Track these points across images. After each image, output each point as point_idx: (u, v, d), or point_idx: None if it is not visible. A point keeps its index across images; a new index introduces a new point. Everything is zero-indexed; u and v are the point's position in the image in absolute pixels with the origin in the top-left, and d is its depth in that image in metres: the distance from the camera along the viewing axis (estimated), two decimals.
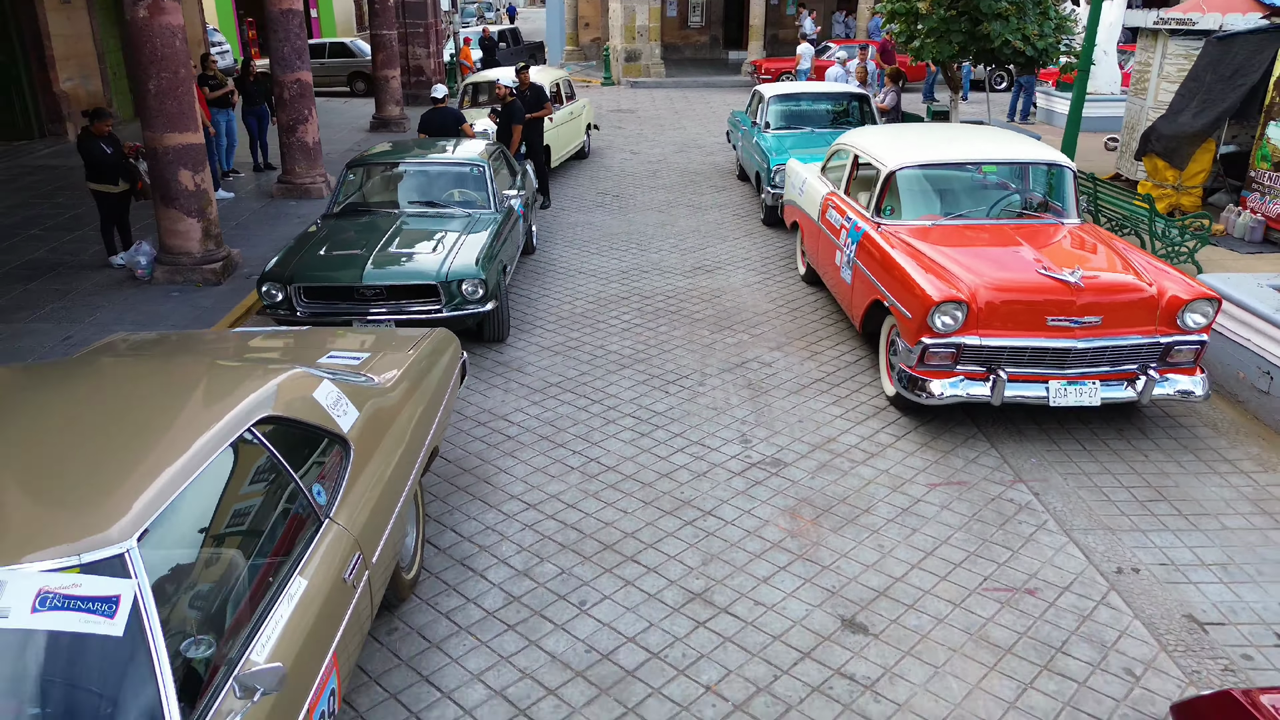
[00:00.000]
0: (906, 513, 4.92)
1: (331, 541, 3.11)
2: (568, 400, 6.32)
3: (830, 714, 3.55)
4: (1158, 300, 5.39)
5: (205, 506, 2.74)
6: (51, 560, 2.24)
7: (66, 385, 3.21)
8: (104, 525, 2.34)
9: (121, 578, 2.28)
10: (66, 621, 2.19)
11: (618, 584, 4.35)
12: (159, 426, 2.92)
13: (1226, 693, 2.60)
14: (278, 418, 3.15)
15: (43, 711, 2.14)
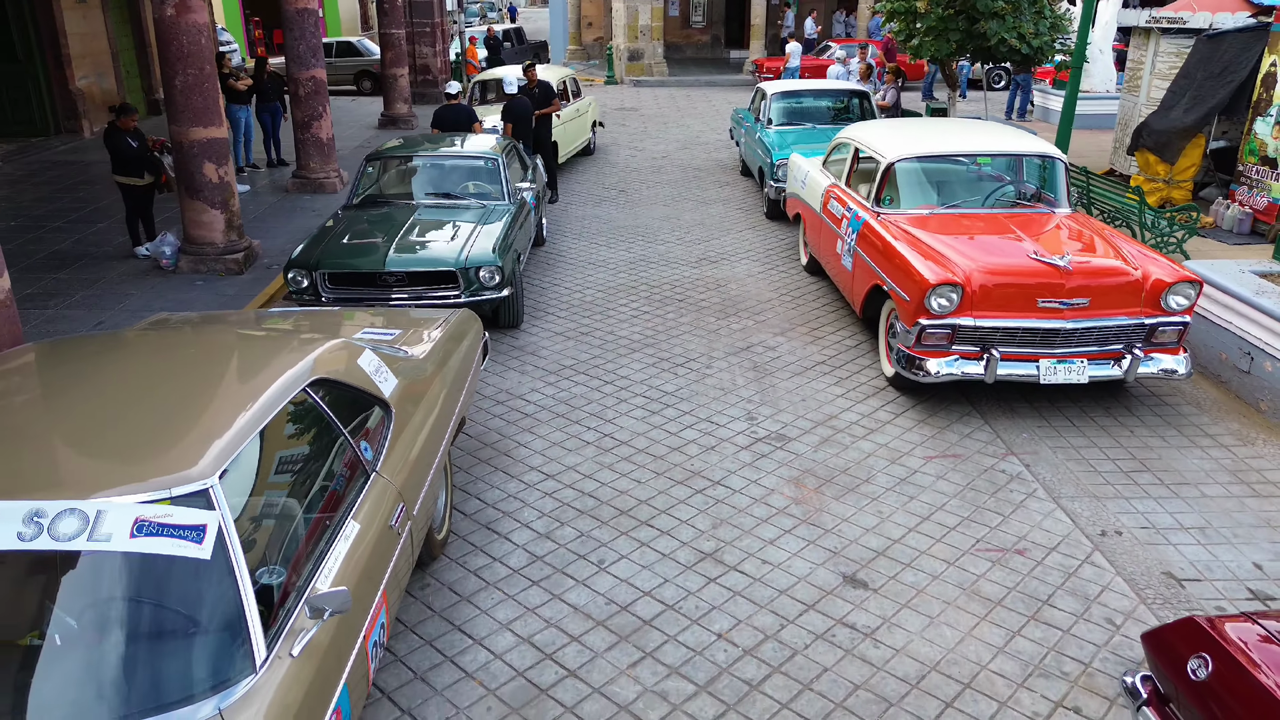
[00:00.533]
0: (904, 482, 5.22)
1: (379, 492, 3.41)
2: (581, 381, 6.62)
3: (833, 658, 3.85)
4: (1142, 283, 5.69)
5: (271, 454, 3.04)
6: (146, 494, 2.54)
7: (138, 349, 3.51)
8: (190, 465, 2.64)
9: (207, 510, 2.58)
10: (160, 546, 2.49)
11: (633, 545, 4.65)
12: (226, 384, 3.23)
13: (1190, 619, 2.89)
14: (329, 380, 3.45)
15: (141, 624, 2.44)
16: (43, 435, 2.86)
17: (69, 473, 2.64)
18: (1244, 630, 2.77)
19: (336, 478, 3.25)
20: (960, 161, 7.35)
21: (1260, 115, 9.48)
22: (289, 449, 3.17)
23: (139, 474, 2.60)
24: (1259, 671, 2.58)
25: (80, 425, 2.91)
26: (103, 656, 2.36)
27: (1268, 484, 5.19)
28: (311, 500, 3.09)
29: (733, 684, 3.71)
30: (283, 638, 2.57)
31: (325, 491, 3.16)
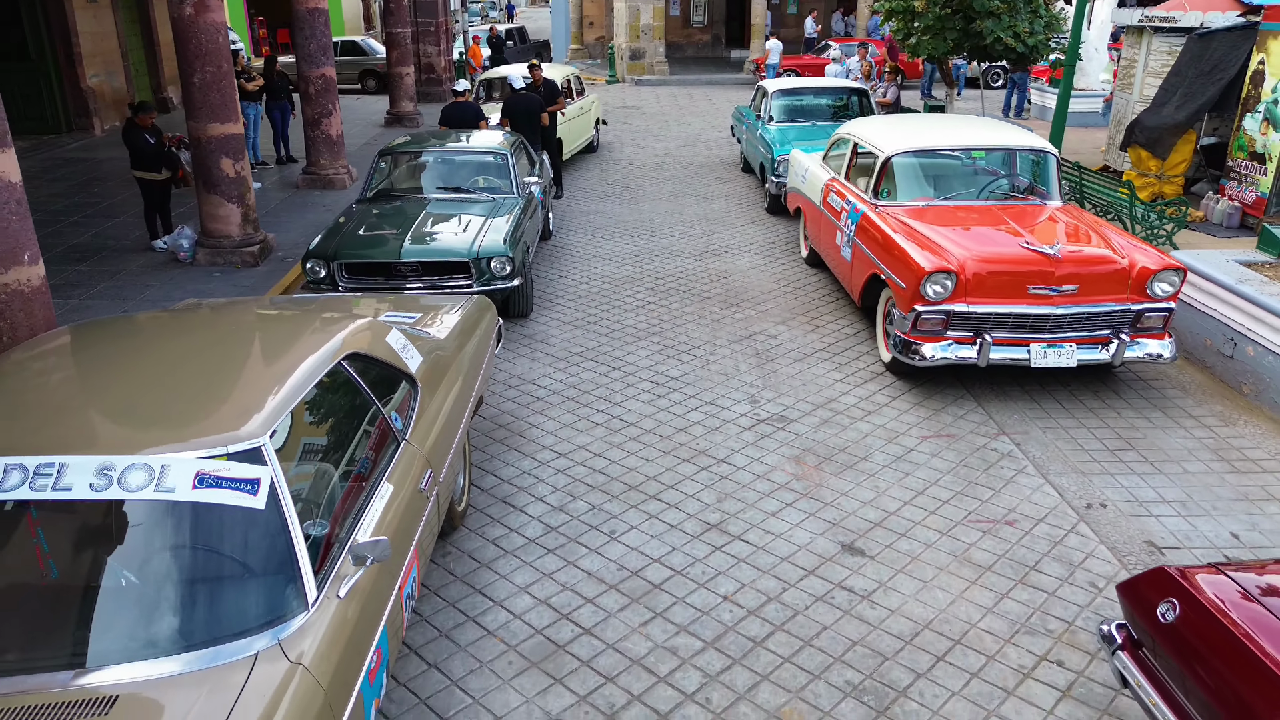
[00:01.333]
0: (900, 460, 5.47)
1: (409, 459, 3.66)
2: (589, 367, 6.87)
3: (832, 618, 4.10)
4: (1129, 271, 5.94)
5: (312, 420, 3.29)
6: (205, 450, 2.79)
7: (180, 327, 3.76)
8: (242, 425, 2.89)
9: (259, 465, 2.82)
10: (220, 496, 2.74)
11: (643, 517, 4.90)
12: (267, 357, 3.48)
13: (1160, 569, 3.14)
14: (360, 355, 3.69)
15: (206, 566, 2.69)
16: (106, 401, 3.11)
17: (134, 432, 2.88)
18: (1209, 578, 3.01)
19: (370, 444, 3.50)
20: (955, 156, 7.59)
21: (1249, 112, 9.74)
22: (327, 416, 3.42)
23: (198, 433, 2.85)
24: (1222, 613, 2.83)
25: (139, 392, 3.16)
26: (174, 594, 2.61)
27: (1247, 461, 5.44)
28: (349, 463, 3.33)
29: (738, 640, 3.96)
30: (330, 581, 2.82)
31: (361, 455, 3.41)
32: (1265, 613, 2.78)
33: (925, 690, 3.68)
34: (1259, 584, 2.94)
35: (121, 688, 2.36)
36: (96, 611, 2.57)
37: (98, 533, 2.71)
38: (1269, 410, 5.98)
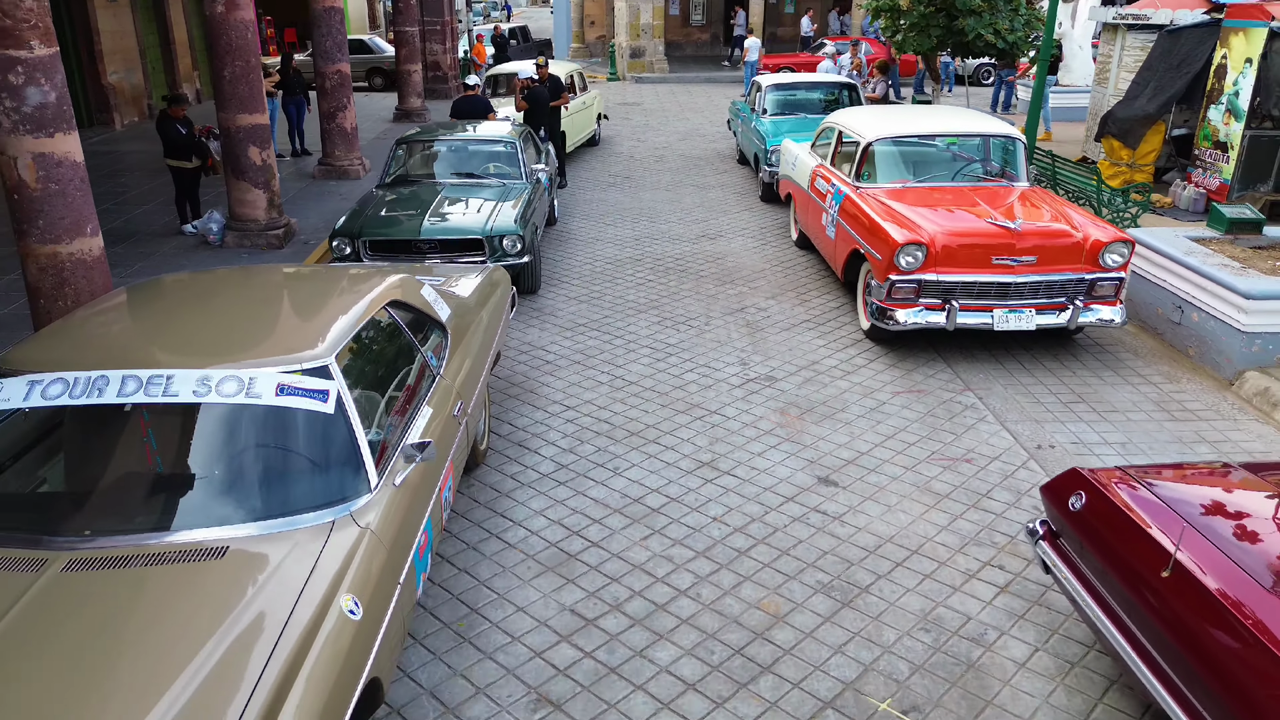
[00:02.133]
0: (874, 411, 6.10)
1: (444, 390, 4.29)
2: (594, 336, 7.49)
3: (807, 534, 4.73)
4: (1083, 244, 6.56)
5: (366, 351, 3.91)
6: (284, 366, 3.41)
7: (243, 279, 4.40)
8: (313, 348, 3.51)
9: (327, 379, 3.45)
10: (297, 402, 3.36)
11: (644, 456, 5.52)
12: (323, 301, 4.11)
13: (1073, 469, 3.76)
14: (400, 302, 4.32)
15: (292, 455, 3.32)
16: (196, 331, 3.73)
17: (224, 353, 3.50)
18: (1111, 476, 3.63)
19: (412, 374, 4.12)
20: (933, 143, 8.21)
21: (1213, 103, 10.35)
22: (377, 350, 4.04)
23: (276, 354, 3.48)
24: (1117, 498, 3.45)
25: (222, 325, 3.79)
26: (265, 477, 3.24)
27: (1186, 412, 6.06)
28: (396, 388, 3.96)
29: (724, 551, 4.58)
30: (387, 472, 3.44)
31: (405, 382, 4.04)
32: (1150, 496, 3.41)
33: (884, 588, 4.30)
34: (1148, 479, 3.56)
35: (231, 542, 2.97)
36: (206, 490, 3.19)
37: (199, 430, 3.33)
38: (1210, 369, 6.60)
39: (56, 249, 5.97)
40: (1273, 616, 2.74)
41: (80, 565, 2.83)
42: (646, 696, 3.65)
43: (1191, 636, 2.91)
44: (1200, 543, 3.06)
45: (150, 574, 2.85)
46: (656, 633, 4.01)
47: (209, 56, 9.28)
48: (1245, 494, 3.49)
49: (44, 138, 5.79)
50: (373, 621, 2.92)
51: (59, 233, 5.95)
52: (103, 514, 3.13)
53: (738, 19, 28.12)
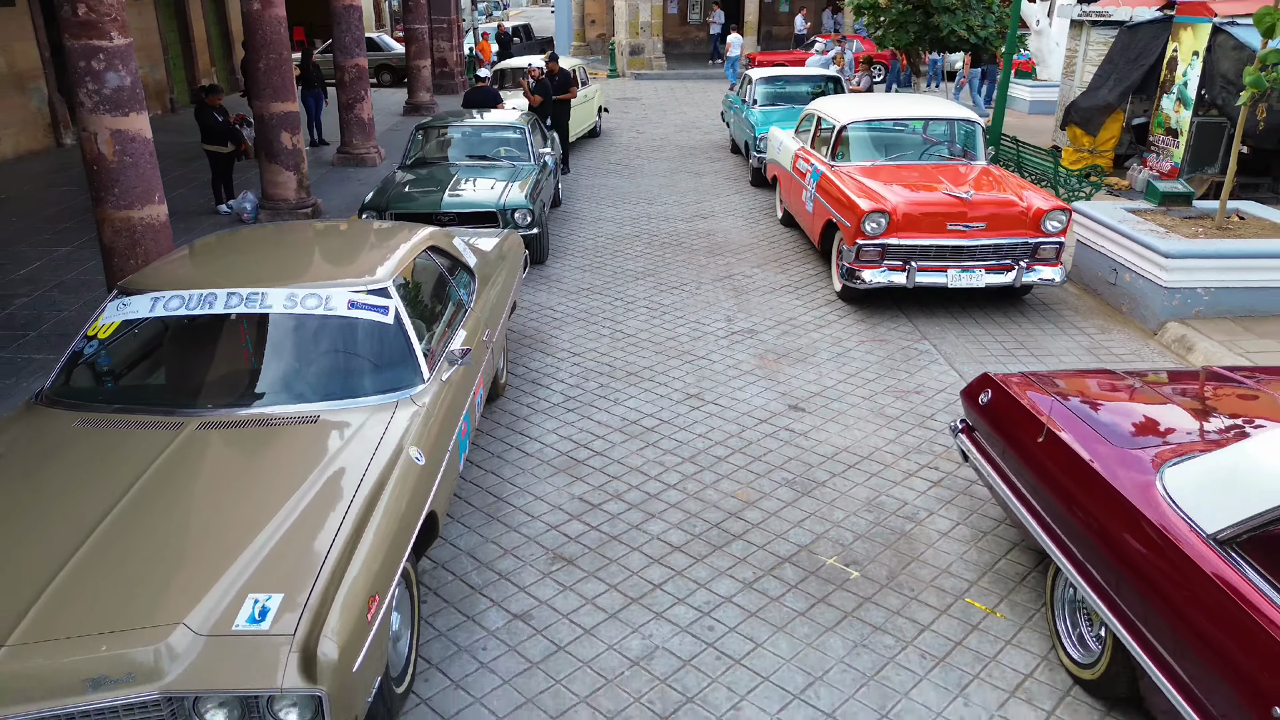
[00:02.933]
0: (840, 355, 7.00)
1: (474, 319, 5.19)
2: (596, 298, 8.39)
3: (777, 445, 5.62)
4: (1027, 212, 7.46)
5: (415, 282, 4.81)
6: (353, 287, 4.31)
7: (305, 229, 5.28)
8: (374, 273, 4.41)
9: (387, 298, 4.35)
10: (364, 314, 4.26)
11: (640, 390, 6.42)
12: (376, 242, 5.01)
13: (985, 374, 4.66)
14: (438, 247, 5.22)
15: (364, 353, 4.21)
16: (277, 263, 4.63)
17: (305, 277, 4.40)
18: (1012, 377, 4.53)
19: (449, 303, 5.03)
20: (902, 128, 9.11)
21: (1166, 93, 11.26)
22: (422, 281, 4.94)
23: (346, 277, 4.38)
24: (1016, 392, 4.34)
25: (297, 258, 4.70)
26: (345, 370, 4.14)
27: (1112, 356, 6.97)
28: (438, 311, 4.86)
29: (707, 457, 5.49)
30: (435, 370, 4.34)
31: (444, 308, 4.94)
32: (1037, 388, 4.31)
33: (837, 483, 5.20)
34: (1038, 377, 4.46)
35: (321, 412, 3.87)
36: (298, 377, 4.09)
37: (290, 333, 4.23)
38: (1138, 322, 7.51)
39: (129, 214, 6.87)
40: (1114, 460, 3.64)
41: (209, 426, 3.73)
42: (641, 556, 4.55)
43: (1059, 484, 3.81)
44: (1065, 414, 3.96)
45: (262, 432, 3.75)
46: (649, 513, 4.91)
47: (246, 50, 10.17)
48: (1110, 384, 4.41)
49: (120, 116, 6.68)
50: (432, 466, 3.82)
51: (132, 200, 6.84)
52: (221, 393, 4.03)
53: (714, 17, 29.12)
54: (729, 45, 23.60)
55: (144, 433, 3.69)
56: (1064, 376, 4.61)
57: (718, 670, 3.78)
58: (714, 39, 29.00)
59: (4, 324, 7.46)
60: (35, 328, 7.41)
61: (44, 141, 14.74)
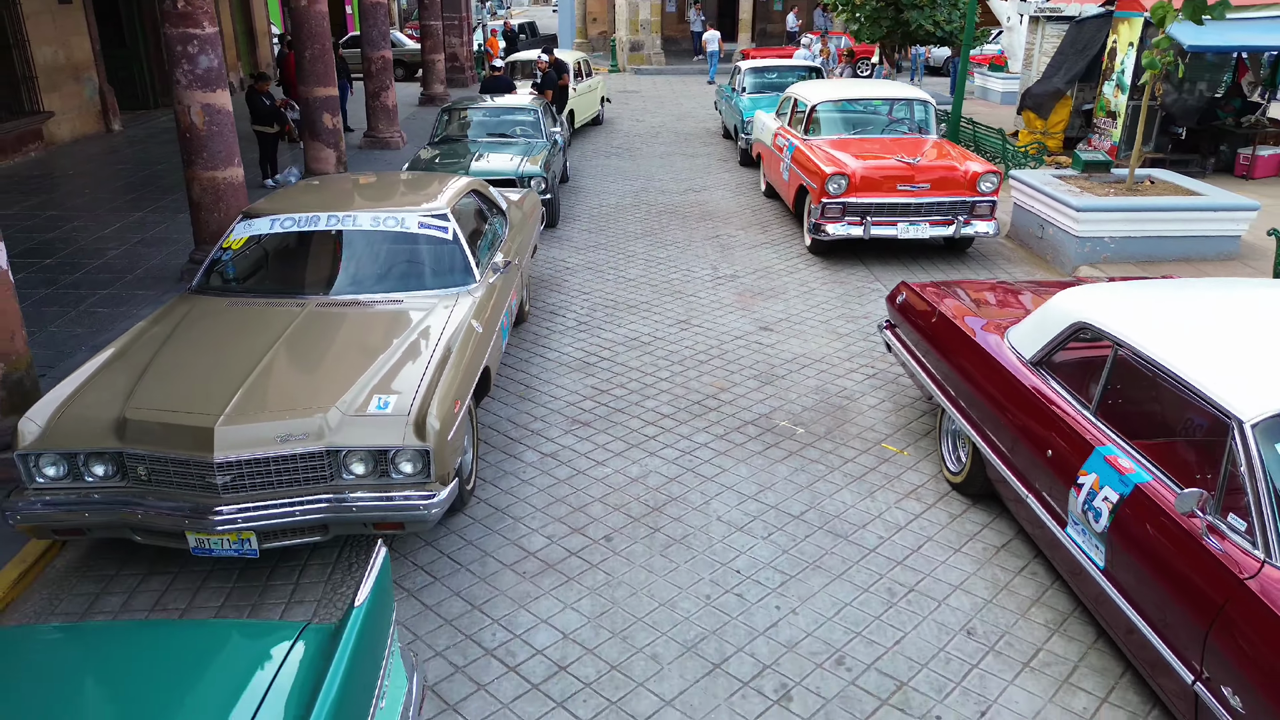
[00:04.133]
0: (806, 293, 8.40)
1: (507, 245, 6.59)
2: (601, 253, 9.79)
3: (747, 352, 7.03)
4: (965, 175, 8.86)
5: (465, 212, 6.22)
6: (421, 212, 5.72)
7: (383, 175, 6.70)
8: (435, 202, 5.83)
9: (447, 220, 5.75)
10: (430, 231, 5.66)
11: (639, 318, 7.83)
12: (436, 184, 6.42)
13: (902, 282, 6.05)
14: (478, 191, 6.63)
15: (429, 260, 5.62)
16: (364, 196, 6.04)
17: (384, 205, 5.81)
18: (924, 284, 5.93)
19: (489, 231, 6.43)
20: (865, 107, 10.52)
21: (1107, 80, 12.66)
22: (469, 213, 6.34)
23: (414, 204, 5.79)
24: (924, 292, 5.74)
25: (378, 193, 6.12)
26: (419, 269, 5.55)
27: None
28: (481, 236, 6.26)
29: (692, 360, 6.89)
30: (483, 275, 5.74)
31: (485, 235, 6.34)
32: (935, 289, 5.72)
33: (793, 377, 6.60)
34: (943, 285, 5.87)
35: (404, 299, 5.28)
36: (384, 275, 5.50)
37: (376, 243, 5.63)
38: (1059, 269, 8.91)
39: (214, 174, 8.26)
40: (979, 328, 5.04)
41: (323, 307, 5.14)
42: (639, 420, 5.95)
43: (945, 348, 5.20)
44: (952, 303, 5.37)
45: (364, 310, 5.16)
46: (645, 395, 6.32)
47: (294, 40, 11.57)
48: (989, 287, 5.84)
49: (208, 92, 8.07)
50: (486, 335, 5.22)
51: (216, 162, 8.24)
52: (329, 286, 5.43)
53: (690, 17, 30.62)
54: (706, 42, 25.03)
55: (278, 309, 5.09)
56: (957, 283, 6.02)
57: (694, 482, 5.20)
58: (695, 36, 30.45)
59: (105, 269, 8.86)
60: (131, 272, 8.81)
61: (96, 127, 16.12)
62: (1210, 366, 3.37)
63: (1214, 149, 12.47)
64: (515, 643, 3.97)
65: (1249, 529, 2.99)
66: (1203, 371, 3.36)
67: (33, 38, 14.00)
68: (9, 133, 13.35)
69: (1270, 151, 12.10)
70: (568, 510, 4.97)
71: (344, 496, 4.10)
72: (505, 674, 3.79)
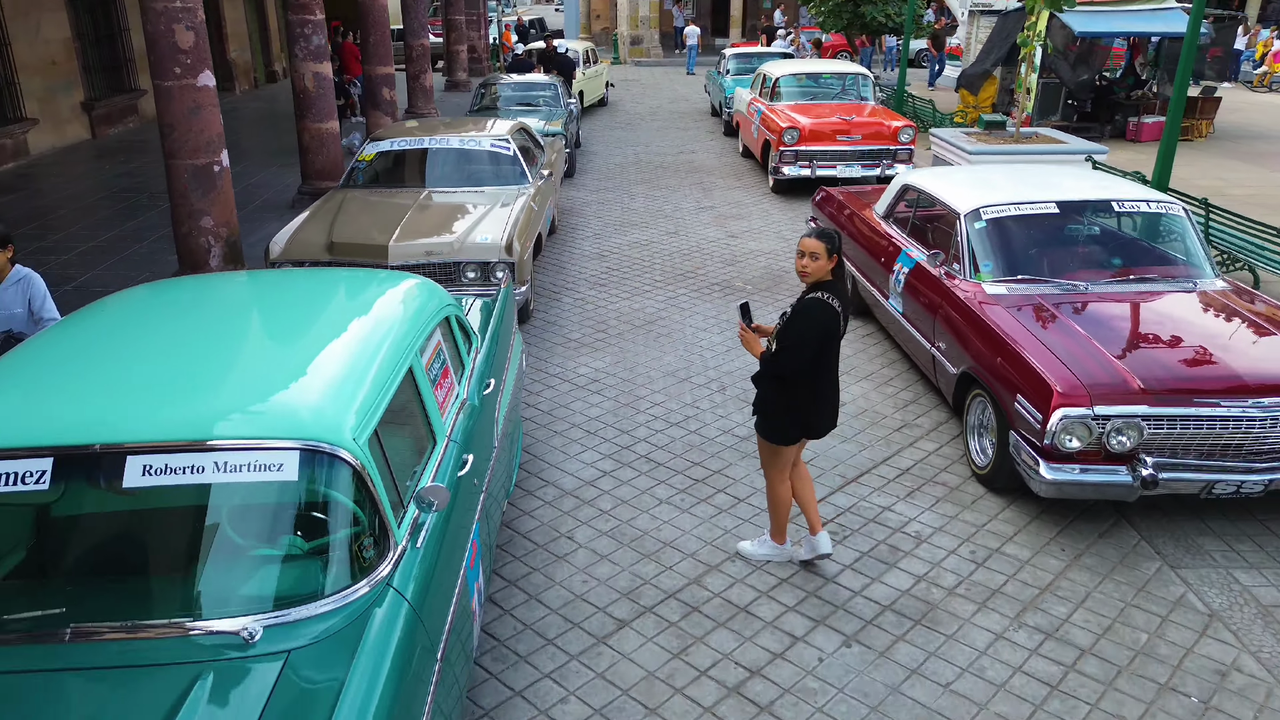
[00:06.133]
0: (765, 217, 11.14)
1: (547, 164, 9.31)
2: (610, 193, 12.52)
3: (719, 250, 9.76)
4: (888, 129, 11.60)
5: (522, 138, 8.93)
6: (490, 138, 8.45)
7: (455, 119, 9.45)
8: (499, 132, 8.56)
9: (509, 144, 8.48)
10: (499, 150, 8.39)
11: (639, 230, 10.56)
12: (496, 122, 9.16)
13: (820, 187, 8.76)
14: (524, 129, 9.38)
15: (498, 169, 8.35)
16: (447, 130, 8.77)
17: (466, 133, 8.53)
18: (838, 189, 8.65)
19: (535, 153, 9.15)
20: (817, 79, 13.26)
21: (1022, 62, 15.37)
22: (523, 141, 9.04)
23: (486, 133, 8.52)
24: (832, 193, 8.47)
25: (456, 128, 8.85)
26: (494, 175, 8.28)
27: None
28: (531, 155, 8.97)
29: (678, 254, 9.63)
30: (532, 177, 8.44)
31: (533, 155, 9.06)
32: (845, 194, 8.45)
33: (749, 260, 9.34)
34: (851, 191, 8.61)
35: (484, 190, 8.00)
36: (476, 176, 8.22)
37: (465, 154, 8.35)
38: None
39: (319, 126, 10.98)
40: (857, 204, 7.75)
41: (433, 194, 7.86)
42: (638, 284, 8.68)
43: (839, 221, 7.92)
44: (855, 200, 8.11)
45: (460, 195, 7.88)
46: (643, 271, 9.06)
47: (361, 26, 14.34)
48: (874, 189, 8.58)
49: (316, 64, 10.79)
50: (539, 211, 7.94)
51: (321, 116, 10.96)
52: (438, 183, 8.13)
53: (674, 13, 33.49)
54: (686, 35, 27.77)
55: (404, 194, 7.82)
56: (864, 190, 8.74)
57: (676, 312, 7.95)
58: (677, 31, 33.22)
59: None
60: (252, 202, 11.52)
61: None
62: (953, 193, 6.10)
63: (1110, 118, 15.20)
64: (567, 371, 6.70)
65: (961, 267, 5.72)
66: (949, 194, 6.10)
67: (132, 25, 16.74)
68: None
69: (1153, 120, 14.84)
70: (594, 323, 7.70)
71: (465, 290, 6.84)
72: (559, 384, 6.52)
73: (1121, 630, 3.95)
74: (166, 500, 2.58)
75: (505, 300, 5.24)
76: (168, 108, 7.25)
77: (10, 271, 4.64)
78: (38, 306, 4.66)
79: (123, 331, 3.27)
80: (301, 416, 2.67)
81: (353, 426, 2.68)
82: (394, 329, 3.35)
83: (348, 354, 3.09)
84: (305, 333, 3.34)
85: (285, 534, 2.60)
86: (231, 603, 2.46)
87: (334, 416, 2.69)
